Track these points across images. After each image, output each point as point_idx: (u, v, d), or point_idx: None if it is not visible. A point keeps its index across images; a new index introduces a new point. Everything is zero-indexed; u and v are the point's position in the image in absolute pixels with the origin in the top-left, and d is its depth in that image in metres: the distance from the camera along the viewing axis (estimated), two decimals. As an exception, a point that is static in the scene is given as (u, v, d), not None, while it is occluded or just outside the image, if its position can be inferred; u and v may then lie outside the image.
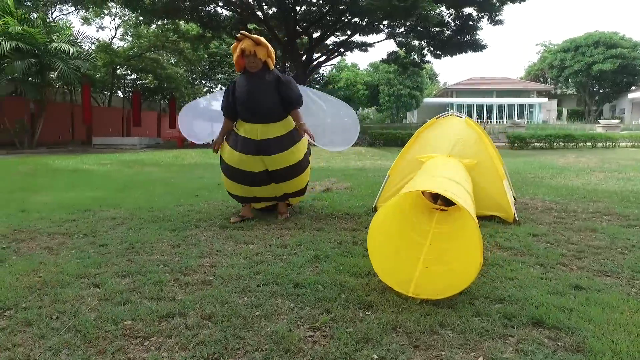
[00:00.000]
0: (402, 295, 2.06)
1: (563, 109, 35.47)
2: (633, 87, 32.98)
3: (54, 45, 15.36)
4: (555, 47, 35.91)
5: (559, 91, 38.47)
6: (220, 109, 3.92)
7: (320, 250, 2.84)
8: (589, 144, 15.57)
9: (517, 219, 3.67)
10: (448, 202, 3.65)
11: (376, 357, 1.52)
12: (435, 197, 3.79)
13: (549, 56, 35.64)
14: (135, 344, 1.67)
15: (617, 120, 23.81)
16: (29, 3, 21.15)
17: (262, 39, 3.57)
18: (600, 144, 15.60)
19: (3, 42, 13.91)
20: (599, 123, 22.67)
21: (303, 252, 2.83)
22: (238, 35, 3.60)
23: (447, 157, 3.87)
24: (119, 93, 29.10)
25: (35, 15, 18.21)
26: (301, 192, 4.08)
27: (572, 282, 2.22)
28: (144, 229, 3.58)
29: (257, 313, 1.89)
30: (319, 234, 3.33)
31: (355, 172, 8.00)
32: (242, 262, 2.66)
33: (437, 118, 4.57)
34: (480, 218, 3.76)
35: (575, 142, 15.50)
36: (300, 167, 3.81)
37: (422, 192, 3.78)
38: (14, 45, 14.18)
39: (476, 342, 1.63)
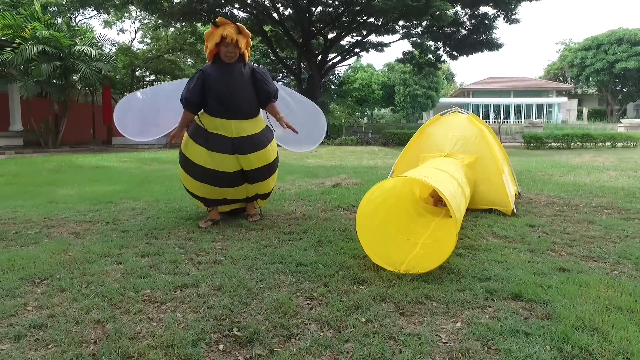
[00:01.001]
0: (394, 272, 2.24)
1: (584, 108, 34.75)
2: (658, 86, 32.09)
3: (77, 48, 15.97)
4: (576, 45, 35.22)
5: (579, 90, 37.70)
6: (169, 99, 3.63)
7: (324, 237, 3.03)
8: (609, 143, 15.32)
9: (515, 212, 3.80)
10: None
11: (364, 320, 1.71)
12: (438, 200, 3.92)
13: (569, 55, 34.97)
14: (153, 307, 1.90)
15: None
16: (54, 8, 22.00)
17: (244, 28, 3.31)
18: (620, 144, 15.33)
19: (31, 46, 14.55)
20: (621, 123, 22.22)
21: (308, 238, 3.03)
22: (217, 20, 3.28)
23: (445, 158, 4.00)
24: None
25: (59, 19, 18.95)
26: (270, 193, 3.87)
27: (558, 265, 2.36)
28: (161, 218, 3.84)
29: (261, 285, 2.10)
30: (325, 223, 3.53)
31: (366, 170, 8.16)
32: (251, 245, 2.87)
33: (440, 115, 4.71)
34: (480, 211, 3.91)
35: (593, 141, 15.26)
36: (274, 166, 3.62)
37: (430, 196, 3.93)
38: (40, 48, 14.82)
39: (457, 310, 1.80)
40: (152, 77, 29.98)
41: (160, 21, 20.65)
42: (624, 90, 33.68)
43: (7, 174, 7.19)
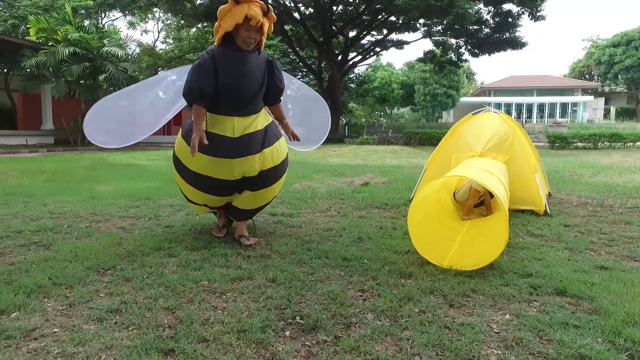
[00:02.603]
0: (438, 267, 2.33)
1: (611, 107, 33.82)
2: (690, 84, 30.99)
3: (105, 49, 16.48)
4: (604, 41, 34.28)
5: (606, 89, 36.69)
6: (150, 95, 3.27)
7: (364, 234, 3.14)
8: (639, 143, 14.95)
9: (548, 211, 3.82)
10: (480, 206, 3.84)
11: (417, 310, 1.81)
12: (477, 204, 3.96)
13: (597, 52, 34.07)
14: (215, 297, 2.04)
15: (670, 119, 22.56)
16: (82, 11, 22.68)
17: (272, 9, 2.73)
18: (651, 144, 14.96)
19: (63, 48, 15.09)
20: (650, 122, 21.59)
21: (348, 234, 3.14)
22: None
23: (481, 157, 4.04)
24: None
25: (87, 22, 19.54)
26: (266, 205, 3.27)
27: (598, 264, 2.41)
28: (201, 215, 4.01)
29: (312, 278, 2.23)
30: (361, 221, 3.63)
31: (391, 169, 8.23)
32: (294, 241, 3.00)
33: (473, 114, 4.75)
34: (513, 211, 3.95)
35: (622, 141, 14.91)
36: (284, 166, 3.06)
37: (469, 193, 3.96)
38: (72, 50, 15.36)
39: (504, 304, 1.89)
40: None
41: (182, 22, 21.08)
42: (654, 88, 32.63)
43: (47, 171, 7.52)
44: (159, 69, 26.72)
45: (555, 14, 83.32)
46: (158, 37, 29.93)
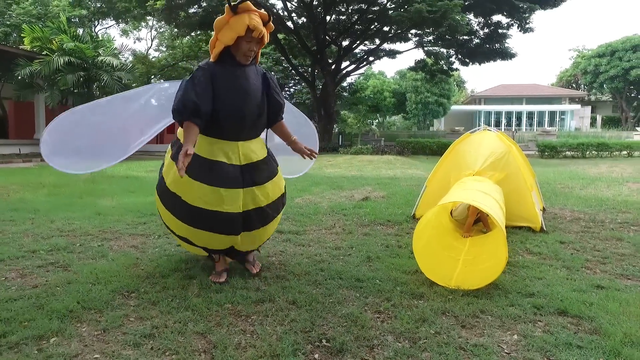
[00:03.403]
0: (446, 288, 2.49)
1: (597, 115, 34.62)
2: (673, 93, 31.91)
3: (100, 58, 16.53)
4: (590, 52, 35.17)
5: (592, 97, 37.55)
6: (126, 112, 2.84)
7: (372, 252, 3.29)
8: (625, 152, 15.37)
9: (544, 228, 4.01)
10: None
11: (433, 332, 1.96)
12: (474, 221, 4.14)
13: (583, 61, 34.92)
14: (241, 320, 2.16)
15: (654, 128, 23.22)
16: (76, 19, 22.67)
17: (270, 17, 2.50)
18: (637, 153, 15.38)
19: (58, 58, 15.11)
20: (636, 130, 22.20)
21: (356, 254, 3.29)
22: (240, 3, 2.36)
23: (477, 177, 4.23)
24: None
25: (81, 30, 19.55)
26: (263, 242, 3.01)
27: (595, 283, 2.59)
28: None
29: (330, 300, 2.36)
30: (367, 239, 3.78)
31: (388, 181, 8.40)
32: (306, 260, 3.14)
33: (470, 133, 4.95)
34: (511, 227, 4.13)
35: (609, 150, 15.34)
36: (285, 198, 2.86)
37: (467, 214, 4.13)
38: (67, 59, 15.38)
39: (511, 324, 2.05)
40: (167, 85, 30.72)
41: (176, 30, 21.19)
42: (639, 97, 33.51)
43: (48, 185, 7.56)
44: (152, 77, 26.75)
45: (543, 25, 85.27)
46: (151, 45, 29.99)
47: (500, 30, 18.72)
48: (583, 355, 1.76)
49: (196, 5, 17.83)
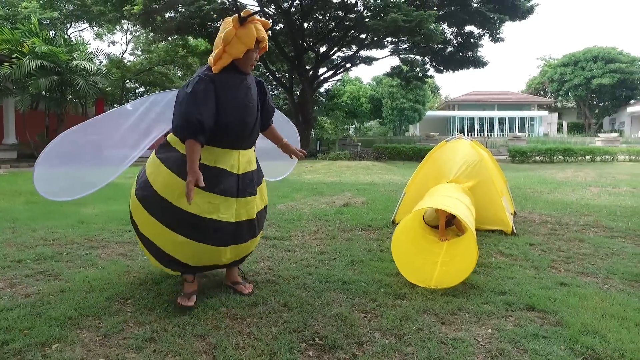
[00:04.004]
0: (427, 288, 2.69)
1: (563, 122, 36.23)
2: (632, 101, 33.74)
3: (75, 62, 16.20)
4: (555, 61, 36.81)
5: (559, 104, 39.24)
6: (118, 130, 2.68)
7: (355, 257, 3.47)
8: (588, 157, 16.21)
9: (515, 231, 4.30)
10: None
11: (415, 328, 2.15)
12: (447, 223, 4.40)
13: (549, 70, 36.51)
14: (237, 323, 2.29)
15: (616, 134, 24.53)
16: (47, 22, 22.10)
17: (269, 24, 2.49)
18: (599, 158, 16.23)
19: (29, 61, 14.73)
20: (598, 136, 23.38)
21: (341, 258, 3.46)
22: (243, 13, 2.31)
23: (450, 184, 4.50)
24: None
25: (52, 32, 19.10)
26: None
27: (559, 281, 2.85)
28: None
29: (320, 302, 2.52)
30: (350, 243, 3.96)
31: (367, 187, 8.64)
32: (293, 265, 3.28)
33: (446, 141, 5.22)
34: (484, 231, 4.40)
35: (574, 155, 16.15)
36: (266, 210, 2.85)
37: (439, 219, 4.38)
38: (39, 63, 15.02)
39: (485, 320, 2.26)
40: (142, 89, 30.25)
41: (152, 35, 20.98)
42: (600, 104, 35.28)
43: (24, 193, 7.42)
44: (127, 81, 26.33)
45: (513, 35, 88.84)
46: (126, 48, 29.46)
47: (472, 40, 19.44)
48: (547, 344, 1.98)
49: (172, 11, 17.74)
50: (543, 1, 79.81)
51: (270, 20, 19.82)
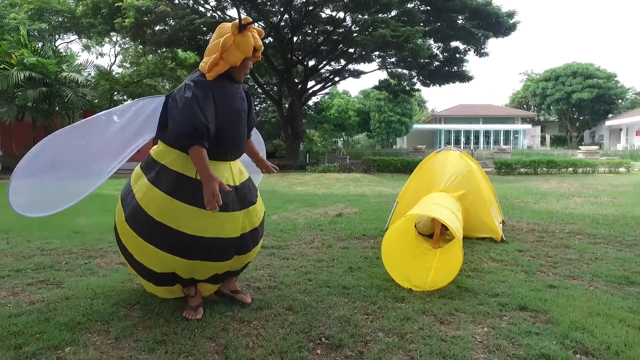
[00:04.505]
0: (424, 291, 2.82)
1: (546, 134, 37.19)
2: (610, 115, 34.90)
3: (64, 74, 16.16)
4: (537, 76, 37.95)
5: (542, 118, 40.29)
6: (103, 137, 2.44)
7: (353, 264, 3.57)
8: (571, 169, 16.66)
9: (504, 238, 4.47)
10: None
11: (416, 328, 2.26)
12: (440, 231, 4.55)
13: (532, 84, 37.59)
14: (244, 325, 2.37)
15: (596, 147, 25.28)
16: (34, 33, 22.00)
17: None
18: (581, 170, 16.70)
19: (17, 72, 14.65)
20: (579, 149, 24.07)
21: (339, 265, 3.56)
22: (243, 21, 2.25)
23: (441, 193, 4.67)
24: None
25: (40, 44, 19.03)
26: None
27: (548, 283, 3.01)
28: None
29: (323, 305, 2.62)
30: (346, 251, 4.07)
31: (358, 198, 8.77)
32: (293, 272, 3.37)
33: (436, 152, 5.40)
34: (475, 238, 4.55)
35: (557, 167, 16.58)
36: (264, 216, 2.77)
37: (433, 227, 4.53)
38: (27, 74, 14.94)
39: (481, 319, 2.39)
40: (130, 101, 30.19)
41: (141, 47, 21.03)
42: (581, 118, 36.37)
43: (15, 205, 7.35)
44: (115, 93, 26.21)
45: (497, 50, 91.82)
46: (115, 60, 29.40)
47: (458, 55, 19.97)
48: (540, 339, 2.12)
49: (163, 24, 17.86)
50: (525, 18, 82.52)
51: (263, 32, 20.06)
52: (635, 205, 7.27)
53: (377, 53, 20.39)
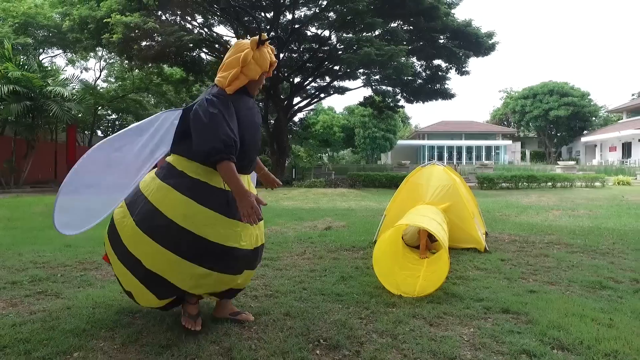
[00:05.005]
0: (413, 297, 2.98)
1: (526, 150, 38.30)
2: (585, 132, 36.24)
3: (49, 88, 16.07)
4: (516, 94, 39.26)
5: (521, 134, 41.53)
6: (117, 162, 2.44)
7: (344, 273, 3.72)
8: (550, 184, 17.23)
9: (487, 248, 4.69)
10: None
11: (408, 329, 2.42)
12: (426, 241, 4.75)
13: (511, 102, 38.87)
14: (245, 330, 2.49)
15: (573, 162, 26.18)
16: (18, 47, 21.85)
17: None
18: (559, 184, 17.29)
19: (1, 86, 14.52)
20: (558, 164, 24.88)
21: (331, 274, 3.70)
22: (262, 37, 2.34)
23: (427, 205, 4.88)
24: (99, 132, 29.67)
25: (23, 57, 18.91)
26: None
27: (528, 289, 3.22)
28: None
29: (318, 311, 2.75)
30: (337, 262, 4.22)
31: (345, 212, 8.95)
32: (287, 282, 3.50)
33: (421, 167, 5.64)
34: (460, 249, 4.76)
35: (537, 182, 17.13)
36: None
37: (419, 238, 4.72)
38: (11, 88, 14.82)
39: (468, 321, 2.57)
40: (115, 116, 29.96)
41: (126, 62, 21.06)
42: (558, 134, 37.67)
43: (1, 219, 7.28)
44: (100, 107, 26.06)
45: (478, 68, 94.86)
46: (100, 75, 29.26)
47: (440, 73, 20.60)
48: (521, 337, 2.31)
49: (150, 40, 17.99)
50: (504, 38, 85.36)
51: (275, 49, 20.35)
52: (608, 217, 7.64)
53: (361, 70, 20.89)
